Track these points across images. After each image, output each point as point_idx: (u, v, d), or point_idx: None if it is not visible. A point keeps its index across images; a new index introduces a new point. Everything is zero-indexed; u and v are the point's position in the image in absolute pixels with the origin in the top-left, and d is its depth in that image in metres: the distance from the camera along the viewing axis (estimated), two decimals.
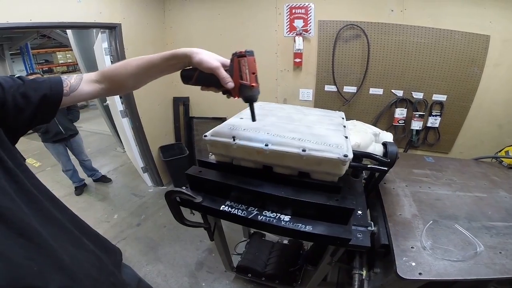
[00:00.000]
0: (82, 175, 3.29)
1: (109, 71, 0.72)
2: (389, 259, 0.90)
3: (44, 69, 8.09)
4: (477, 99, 2.29)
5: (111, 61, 2.48)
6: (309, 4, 2.23)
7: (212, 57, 0.70)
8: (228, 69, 0.70)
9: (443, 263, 0.78)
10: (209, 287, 1.91)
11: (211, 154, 1.19)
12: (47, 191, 0.65)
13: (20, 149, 2.16)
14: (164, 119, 3.19)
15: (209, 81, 0.72)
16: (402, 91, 2.40)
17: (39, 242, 0.53)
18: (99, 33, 2.41)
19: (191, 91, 3.06)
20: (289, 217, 0.86)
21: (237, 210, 0.91)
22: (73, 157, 3.15)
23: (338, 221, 0.82)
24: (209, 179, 0.98)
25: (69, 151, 3.08)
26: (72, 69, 8.57)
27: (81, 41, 3.66)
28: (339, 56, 2.39)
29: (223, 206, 0.93)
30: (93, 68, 3.37)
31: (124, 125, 2.92)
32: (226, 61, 0.72)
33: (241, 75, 0.69)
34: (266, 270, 1.73)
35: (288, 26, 2.35)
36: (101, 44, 2.42)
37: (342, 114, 1.30)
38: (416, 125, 2.41)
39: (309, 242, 1.06)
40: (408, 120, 2.44)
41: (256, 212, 0.90)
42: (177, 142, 3.33)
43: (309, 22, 2.28)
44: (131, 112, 2.80)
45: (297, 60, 2.42)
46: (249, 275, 1.76)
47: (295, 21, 2.30)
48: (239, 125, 0.99)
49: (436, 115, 2.38)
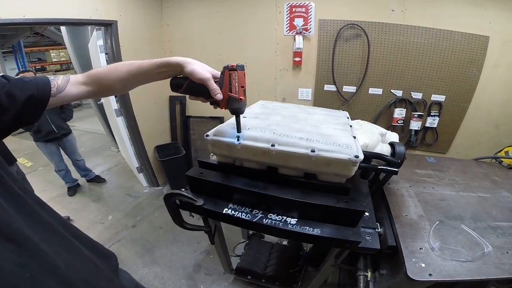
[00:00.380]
0: (75, 175, 3.21)
1: (97, 74, 0.71)
2: (395, 260, 0.88)
3: (37, 67, 7.91)
4: (475, 100, 2.30)
5: (106, 59, 2.42)
6: (309, 3, 2.21)
7: (203, 68, 0.71)
8: (218, 81, 0.73)
9: (452, 264, 0.77)
10: None
11: (212, 154, 1.16)
12: (35, 195, 0.62)
13: (11, 149, 2.09)
14: (160, 118, 3.14)
15: (199, 91, 0.74)
16: (401, 91, 2.40)
17: (30, 247, 0.50)
18: (94, 31, 2.35)
19: None
20: (296, 220, 0.84)
21: (241, 213, 0.88)
22: (65, 157, 3.07)
23: (346, 223, 0.80)
24: (211, 181, 0.94)
25: (61, 150, 3.00)
26: (65, 67, 8.41)
27: (75, 38, 3.58)
28: (339, 55, 2.37)
29: (226, 209, 0.90)
30: (87, 66, 3.29)
31: (119, 124, 2.86)
32: (216, 73, 0.74)
33: (231, 88, 0.72)
34: (266, 271, 1.70)
35: (288, 24, 2.32)
36: (96, 41, 2.35)
37: (346, 113, 1.28)
38: (415, 125, 2.42)
39: (316, 245, 1.03)
40: (407, 120, 2.44)
41: (261, 215, 0.87)
42: (173, 141, 3.28)
43: (309, 21, 2.26)
44: (126, 111, 2.74)
45: (297, 59, 2.40)
46: (249, 277, 1.73)
47: (295, 19, 2.28)
48: (243, 124, 0.95)
49: (434, 115, 2.39)
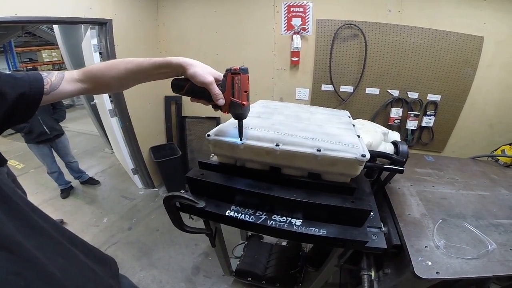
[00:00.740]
0: (68, 177, 3.14)
1: (94, 71, 0.68)
2: (400, 259, 0.88)
3: (28, 67, 7.73)
4: (469, 100, 2.34)
5: (100, 58, 2.37)
6: (307, 2, 2.21)
7: (206, 71, 0.69)
8: (220, 83, 0.71)
9: (458, 262, 0.77)
10: None
11: (212, 155, 1.14)
12: (26, 199, 0.59)
13: (1, 150, 2.03)
14: (155, 119, 3.09)
15: (200, 94, 0.72)
16: (398, 91, 2.42)
17: (23, 255, 0.46)
18: (88, 30, 2.30)
19: None
20: (301, 220, 0.83)
21: (244, 215, 0.86)
22: (58, 159, 3.00)
23: (352, 223, 0.79)
24: (213, 182, 0.92)
25: (54, 152, 2.93)
26: (57, 67, 8.23)
27: (68, 38, 3.50)
28: (337, 55, 2.38)
29: (229, 211, 0.88)
30: (80, 66, 3.17)
31: (113, 125, 2.81)
32: (219, 75, 0.72)
33: (233, 92, 0.70)
34: (266, 273, 1.69)
35: (285, 24, 2.32)
36: (90, 41, 2.30)
37: (347, 113, 1.27)
38: (411, 124, 2.43)
39: (322, 245, 1.02)
40: (403, 119, 2.46)
41: (265, 216, 0.85)
42: (168, 142, 3.23)
43: (307, 20, 2.26)
44: (121, 111, 2.69)
45: (294, 58, 2.40)
46: (249, 279, 1.71)
47: (293, 19, 2.27)
48: (246, 124, 0.94)
49: (430, 115, 2.42)
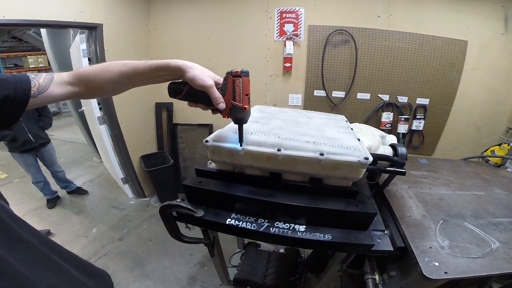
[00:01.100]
0: (54, 186, 3.02)
1: (86, 73, 0.64)
2: (405, 261, 0.88)
3: (13, 73, 7.47)
4: (456, 103, 2.42)
5: (89, 64, 2.31)
6: (299, 8, 2.24)
7: (205, 74, 0.67)
8: (220, 87, 0.68)
9: (464, 261, 0.77)
10: None
11: (210, 162, 1.11)
12: (9, 210, 0.54)
13: None
14: (145, 126, 3.03)
15: (199, 98, 0.70)
16: (388, 96, 2.47)
17: (8, 270, 0.42)
18: (77, 34, 2.24)
19: None
20: (304, 226, 0.81)
21: (245, 223, 0.83)
22: (44, 168, 2.88)
23: (357, 227, 0.78)
24: (212, 190, 0.89)
25: (39, 161, 2.80)
26: None
27: (56, 43, 3.42)
28: (328, 61, 2.41)
29: (229, 219, 0.84)
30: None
31: (102, 133, 2.73)
32: (219, 78, 0.70)
33: (234, 96, 0.68)
34: (265, 281, 1.65)
35: (278, 30, 2.34)
36: (78, 46, 2.25)
37: (343, 117, 1.28)
38: (402, 128, 2.49)
39: (327, 251, 1.01)
40: (394, 123, 2.51)
41: (267, 224, 0.83)
42: (159, 150, 3.16)
43: (299, 26, 2.29)
44: (110, 118, 2.63)
45: (287, 64, 2.42)
46: None
47: (286, 25, 2.30)
48: (245, 129, 0.91)
49: (420, 118, 2.48)
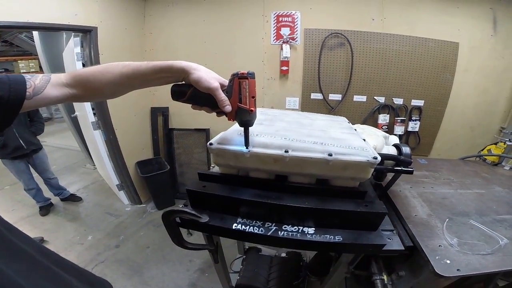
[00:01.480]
0: (47, 193, 2.95)
1: (84, 75, 0.62)
2: (414, 260, 0.87)
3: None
4: (450, 104, 2.46)
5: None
6: (295, 12, 2.26)
7: (211, 76, 0.65)
8: (226, 89, 0.67)
9: (475, 258, 0.77)
10: None
11: (213, 165, 1.09)
12: (1, 219, 0.51)
13: None
14: (141, 132, 2.99)
15: (204, 101, 0.68)
16: (384, 98, 2.50)
17: (4, 282, 0.40)
18: (71, 38, 2.21)
19: (170, 101, 2.87)
20: (313, 229, 0.80)
21: (252, 227, 0.81)
22: (36, 175, 2.80)
23: (367, 227, 0.78)
24: (217, 194, 0.87)
25: (31, 168, 2.73)
26: None
27: (49, 46, 3.37)
28: (325, 64, 2.43)
29: (235, 224, 0.82)
30: None
31: (96, 139, 2.68)
32: (224, 81, 0.68)
33: (240, 98, 0.66)
34: (268, 286, 1.62)
35: (275, 34, 2.36)
36: (72, 49, 2.21)
37: (345, 119, 1.28)
38: (398, 130, 2.51)
39: (337, 252, 1.00)
40: (390, 125, 2.53)
41: (274, 227, 0.81)
42: (155, 156, 3.12)
43: (295, 30, 2.31)
44: (105, 123, 2.59)
45: (284, 68, 2.43)
46: None
47: (282, 29, 2.32)
48: (250, 131, 0.90)
49: (415, 120, 2.51)
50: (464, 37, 2.26)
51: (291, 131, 0.93)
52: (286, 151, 0.79)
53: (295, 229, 0.80)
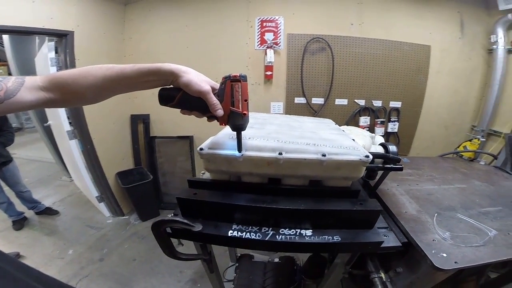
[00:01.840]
0: (20, 207, 2.76)
1: (63, 77, 0.58)
2: (410, 256, 0.88)
3: None
4: (425, 105, 2.60)
5: None
6: (279, 17, 2.30)
7: (201, 79, 0.63)
8: (217, 92, 0.65)
9: (469, 250, 0.79)
10: None
11: (203, 172, 1.06)
12: None
13: None
14: (120, 140, 2.87)
15: (194, 105, 0.65)
16: (364, 100, 2.59)
17: None
18: (45, 42, 2.09)
19: (151, 108, 2.81)
20: (311, 231, 0.79)
21: (249, 233, 0.79)
22: (6, 188, 2.61)
23: (363, 225, 0.79)
24: (212, 202, 0.84)
25: (1, 181, 2.54)
26: None
27: (20, 51, 3.19)
28: (307, 68, 2.49)
29: (231, 231, 0.80)
30: None
31: (72, 149, 2.54)
32: (215, 84, 0.67)
33: (233, 102, 0.65)
34: None
35: (259, 39, 2.38)
36: (46, 54, 2.09)
37: (331, 121, 1.31)
38: (379, 131, 2.61)
39: (336, 253, 1.00)
40: (371, 127, 2.62)
41: (271, 232, 0.80)
42: (137, 166, 3.00)
43: (279, 35, 2.35)
44: (81, 132, 2.46)
45: (268, 73, 2.45)
46: None
47: (266, 34, 2.35)
48: (242, 134, 0.90)
49: (394, 121, 2.62)
50: (435, 40, 2.40)
51: (282, 133, 0.93)
52: (280, 153, 0.79)
53: (293, 232, 0.79)
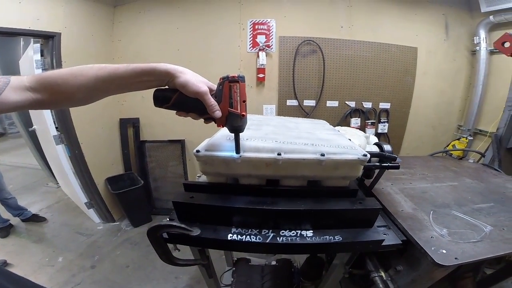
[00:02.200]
0: (5, 214, 2.65)
1: (52, 77, 0.56)
2: (410, 254, 0.89)
3: None
4: (413, 105, 2.67)
5: None
6: (270, 20, 2.32)
7: (199, 80, 0.62)
8: (214, 93, 0.64)
9: (467, 246, 0.80)
10: None
11: (199, 175, 1.04)
12: None
13: None
14: (109, 145, 2.79)
15: (191, 106, 0.64)
16: (354, 102, 2.63)
17: None
18: (31, 44, 2.02)
19: (141, 111, 2.75)
20: (311, 231, 0.79)
21: (249, 236, 0.78)
22: None
23: (363, 224, 0.79)
24: (210, 205, 0.82)
25: None
26: None
27: (3, 54, 3.07)
28: (299, 71, 2.51)
29: (230, 234, 0.79)
30: None
31: (59, 154, 2.46)
32: (212, 85, 0.65)
33: (231, 103, 0.64)
34: None
35: (251, 41, 2.38)
36: (31, 56, 2.02)
37: (325, 121, 1.31)
38: (369, 132, 2.64)
39: (337, 253, 0.99)
40: (362, 128, 2.66)
41: (272, 234, 0.79)
42: (127, 171, 2.92)
43: (271, 37, 2.36)
44: (68, 137, 2.39)
45: (261, 75, 2.45)
46: None
47: (258, 36, 2.36)
48: (240, 135, 0.89)
49: (384, 122, 2.67)
50: (421, 42, 2.48)
51: (280, 134, 0.93)
52: (279, 154, 0.78)
53: (293, 233, 0.79)
